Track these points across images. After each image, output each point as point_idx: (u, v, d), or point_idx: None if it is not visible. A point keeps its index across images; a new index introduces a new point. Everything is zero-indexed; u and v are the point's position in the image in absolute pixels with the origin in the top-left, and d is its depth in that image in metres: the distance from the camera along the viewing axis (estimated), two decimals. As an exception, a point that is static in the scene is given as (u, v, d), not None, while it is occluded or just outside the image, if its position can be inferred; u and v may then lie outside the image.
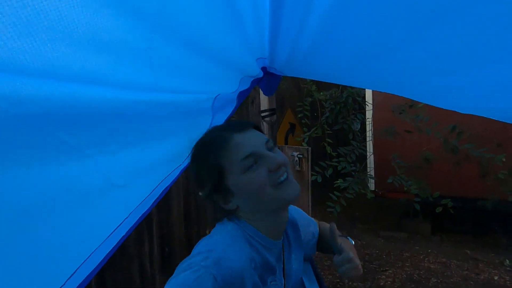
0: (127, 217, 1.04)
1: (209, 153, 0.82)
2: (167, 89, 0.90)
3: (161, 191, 1.20)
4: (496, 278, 3.74)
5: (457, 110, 1.05)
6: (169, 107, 0.97)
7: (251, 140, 0.81)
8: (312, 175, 3.14)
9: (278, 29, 0.92)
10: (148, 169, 1.04)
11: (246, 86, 1.29)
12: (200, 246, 0.77)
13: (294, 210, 1.09)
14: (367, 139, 4.09)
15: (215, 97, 1.13)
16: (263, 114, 2.13)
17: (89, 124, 0.74)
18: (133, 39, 0.65)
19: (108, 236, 0.98)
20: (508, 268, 3.92)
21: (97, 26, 0.56)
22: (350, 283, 3.79)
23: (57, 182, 0.74)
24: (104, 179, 0.87)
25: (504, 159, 2.83)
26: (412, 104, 3.24)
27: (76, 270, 0.89)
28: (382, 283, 3.76)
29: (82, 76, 0.62)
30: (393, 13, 0.68)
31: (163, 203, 2.73)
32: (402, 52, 0.82)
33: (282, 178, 0.79)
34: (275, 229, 0.87)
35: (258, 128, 0.88)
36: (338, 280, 3.83)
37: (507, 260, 4.05)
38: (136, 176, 1.00)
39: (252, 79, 1.32)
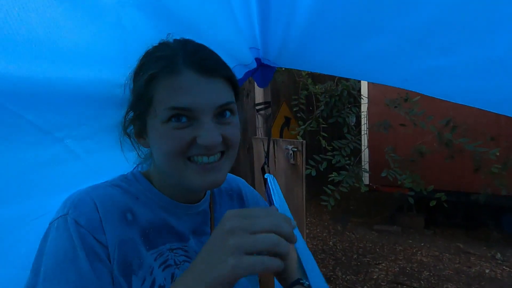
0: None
1: (151, 66, 0.62)
2: None
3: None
4: (487, 271, 3.78)
5: (451, 100, 1.05)
6: None
7: (200, 93, 0.59)
8: (306, 168, 3.14)
9: (268, 20, 0.92)
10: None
11: (239, 76, 1.27)
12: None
13: (247, 188, 0.92)
14: (362, 132, 4.09)
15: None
16: (258, 107, 2.12)
17: (59, 106, 0.70)
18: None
19: None
20: (499, 262, 3.97)
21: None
22: (343, 276, 3.82)
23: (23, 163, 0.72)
24: (61, 147, 0.81)
25: (497, 154, 2.85)
26: (407, 98, 3.23)
27: None
28: (375, 276, 3.79)
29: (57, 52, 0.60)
30: None
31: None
32: (392, 32, 0.81)
33: (202, 159, 0.61)
34: (181, 195, 0.71)
35: (233, 83, 0.66)
36: (331, 274, 3.85)
37: (498, 254, 4.10)
38: (95, 148, 0.95)
39: (246, 69, 1.31)
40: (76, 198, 0.60)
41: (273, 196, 1.70)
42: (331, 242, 4.69)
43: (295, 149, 3.26)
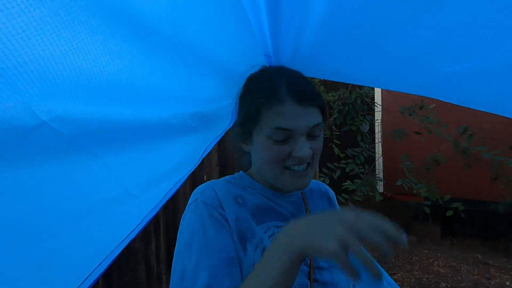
0: (139, 223, 1.04)
1: (260, 94, 0.79)
2: (198, 96, 0.92)
3: (172, 193, 1.21)
4: (507, 283, 3.66)
5: (468, 106, 1.03)
6: (197, 117, 0.98)
7: (297, 119, 0.75)
8: (320, 176, 3.12)
9: (279, 27, 0.93)
10: (162, 176, 1.05)
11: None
12: None
13: (332, 193, 1.07)
14: (376, 140, 4.05)
15: (235, 101, 1.14)
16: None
17: (120, 139, 0.76)
18: (164, 30, 0.66)
19: (122, 241, 0.98)
20: (520, 273, 3.85)
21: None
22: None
23: (75, 191, 0.74)
24: (121, 190, 0.87)
25: (516, 162, 2.78)
26: (422, 106, 3.20)
27: (87, 277, 0.90)
28: (390, 287, 3.72)
29: (123, 87, 0.65)
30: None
31: (170, 203, 2.74)
32: (407, 37, 0.81)
33: (296, 168, 0.78)
34: (277, 189, 0.87)
35: (322, 108, 0.81)
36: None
37: (519, 265, 3.98)
38: (151, 185, 1.00)
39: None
40: (202, 188, 0.81)
41: None
42: (345, 251, 4.63)
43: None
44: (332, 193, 1.06)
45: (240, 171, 0.94)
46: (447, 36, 0.77)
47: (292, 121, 0.75)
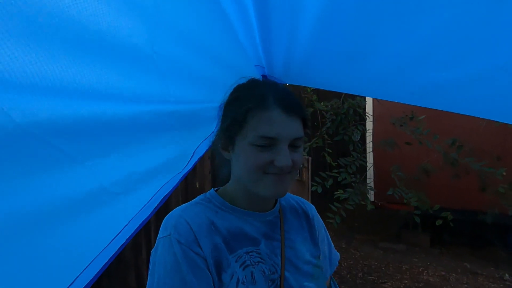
0: (126, 225, 1.03)
1: (248, 101, 0.80)
2: (174, 98, 0.90)
3: (161, 198, 1.20)
4: (495, 292, 3.71)
5: (458, 111, 1.06)
6: (174, 116, 0.98)
7: (283, 127, 0.77)
8: (312, 185, 3.14)
9: (269, 40, 0.95)
10: (148, 176, 1.04)
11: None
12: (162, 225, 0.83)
13: (314, 211, 1.06)
14: (367, 150, 4.10)
15: (220, 105, 1.15)
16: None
17: (90, 135, 0.74)
18: (137, 43, 0.67)
19: (108, 245, 0.97)
20: (507, 283, 3.90)
21: (102, 30, 0.58)
22: (349, 295, 3.76)
23: (53, 191, 0.73)
24: (97, 186, 0.86)
25: (504, 173, 2.84)
26: (412, 116, 3.25)
27: (73, 281, 0.88)
28: (380, 296, 3.73)
29: (89, 90, 0.64)
30: (379, 9, 0.71)
31: (162, 211, 2.71)
32: (396, 47, 0.83)
33: (273, 171, 0.78)
34: (252, 203, 0.87)
35: (305, 121, 0.84)
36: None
37: (506, 275, 4.02)
38: (135, 184, 1.00)
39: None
40: (174, 221, 0.79)
41: None
42: (335, 260, 4.64)
43: (301, 166, 3.27)
44: (312, 211, 1.04)
45: (211, 190, 0.92)
46: (436, 45, 0.79)
47: (278, 129, 0.76)
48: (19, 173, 0.63)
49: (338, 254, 1.09)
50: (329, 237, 1.07)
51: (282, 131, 0.76)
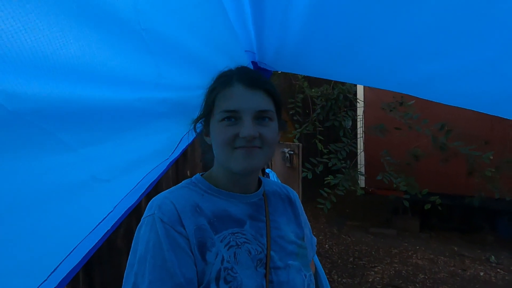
0: (111, 211, 1.03)
1: (214, 84, 0.86)
2: (165, 80, 0.89)
3: (148, 184, 1.19)
4: (481, 274, 3.81)
5: (445, 102, 1.07)
6: (166, 104, 0.96)
7: (244, 100, 0.80)
8: (302, 171, 3.15)
9: (262, 25, 0.94)
10: (135, 163, 1.03)
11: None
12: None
13: (296, 196, 1.08)
14: (358, 136, 4.12)
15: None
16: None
17: (83, 121, 0.73)
18: (124, 17, 0.65)
19: (92, 230, 0.96)
20: (493, 264, 4.00)
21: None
22: (339, 279, 3.83)
23: (40, 175, 0.72)
24: (88, 174, 0.85)
25: (491, 157, 2.88)
26: (402, 102, 3.26)
27: (59, 264, 0.88)
28: (370, 279, 3.80)
29: (81, 71, 0.62)
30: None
31: (153, 196, 2.71)
32: (386, 37, 0.83)
33: (240, 144, 0.80)
34: (235, 184, 0.89)
35: (270, 92, 0.85)
36: (328, 277, 3.85)
37: (492, 257, 4.13)
38: (122, 171, 0.99)
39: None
40: (159, 201, 0.80)
41: None
42: (327, 245, 4.71)
43: (292, 152, 3.27)
44: (294, 196, 1.07)
45: (197, 174, 0.94)
46: (425, 37, 0.79)
47: (239, 102, 0.80)
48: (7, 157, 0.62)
49: (315, 239, 1.13)
50: (308, 222, 1.10)
51: (243, 103, 0.80)
